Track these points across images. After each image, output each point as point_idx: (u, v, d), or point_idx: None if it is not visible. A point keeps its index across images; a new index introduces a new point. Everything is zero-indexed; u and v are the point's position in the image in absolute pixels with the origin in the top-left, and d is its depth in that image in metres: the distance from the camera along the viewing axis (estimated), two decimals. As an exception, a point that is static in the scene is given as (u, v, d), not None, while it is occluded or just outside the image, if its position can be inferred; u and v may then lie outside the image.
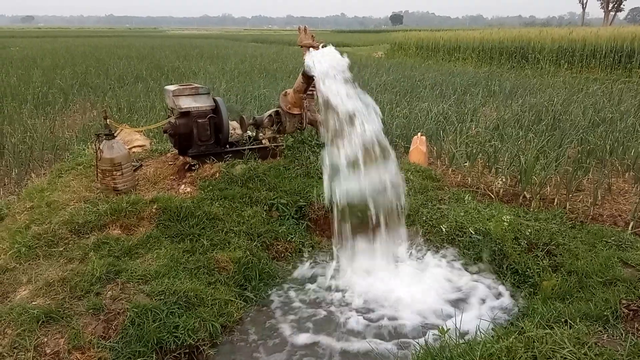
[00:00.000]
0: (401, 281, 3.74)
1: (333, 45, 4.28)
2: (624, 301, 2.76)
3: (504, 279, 3.72)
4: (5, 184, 5.91)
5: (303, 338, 3.12)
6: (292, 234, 4.28)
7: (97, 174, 4.47)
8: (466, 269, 3.89)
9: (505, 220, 4.06)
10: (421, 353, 2.41)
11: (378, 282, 3.74)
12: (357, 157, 3.72)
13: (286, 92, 5.13)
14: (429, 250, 4.14)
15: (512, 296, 3.54)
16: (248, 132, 5.31)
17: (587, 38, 17.95)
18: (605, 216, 4.66)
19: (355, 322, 3.27)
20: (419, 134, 6.20)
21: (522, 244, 3.86)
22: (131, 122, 7.87)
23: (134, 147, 5.71)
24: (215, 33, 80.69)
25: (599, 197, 4.91)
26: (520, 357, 2.23)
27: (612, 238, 3.78)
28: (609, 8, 62.37)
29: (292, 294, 3.63)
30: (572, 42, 18.25)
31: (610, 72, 16.58)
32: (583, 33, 18.86)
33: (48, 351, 2.60)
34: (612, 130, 7.01)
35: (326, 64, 3.98)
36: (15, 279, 3.17)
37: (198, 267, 3.51)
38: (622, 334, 2.46)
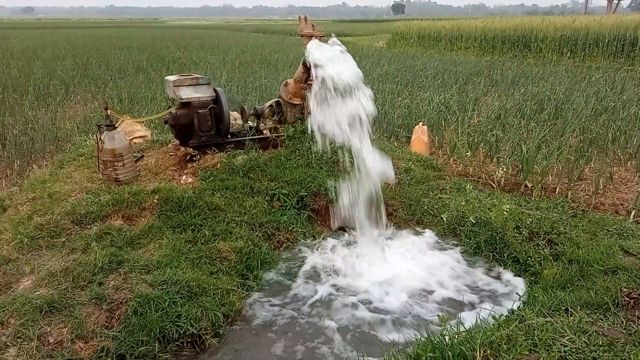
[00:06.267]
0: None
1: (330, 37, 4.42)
2: (624, 289, 2.77)
3: (505, 267, 3.73)
4: (7, 176, 5.92)
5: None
6: (293, 224, 4.29)
7: (98, 164, 4.47)
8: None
9: (507, 209, 4.06)
10: (422, 341, 2.42)
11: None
12: None
13: (287, 82, 5.12)
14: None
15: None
16: (249, 122, 5.30)
17: (590, 26, 17.83)
18: (606, 205, 4.66)
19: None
20: (421, 123, 6.19)
21: (523, 232, 3.86)
22: (132, 113, 7.87)
23: (135, 138, 5.70)
24: (216, 23, 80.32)
25: (601, 186, 4.91)
26: (520, 345, 2.24)
27: (614, 227, 3.78)
28: (612, -4, 61.80)
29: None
30: (575, 31, 18.13)
31: (613, 61, 16.49)
32: (586, 21, 18.73)
33: (51, 340, 2.62)
34: (614, 119, 6.99)
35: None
36: (18, 269, 3.19)
37: (200, 257, 3.52)
38: (622, 322, 2.47)
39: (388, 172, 4.20)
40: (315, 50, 4.30)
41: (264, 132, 5.21)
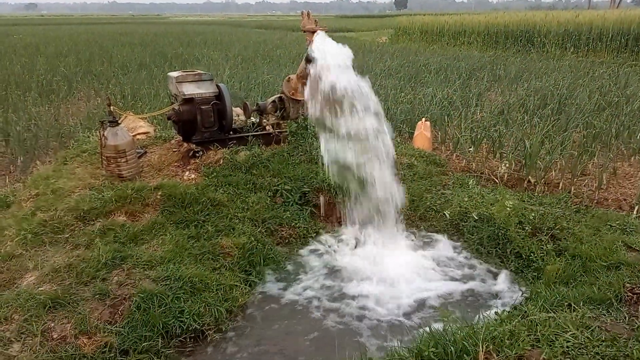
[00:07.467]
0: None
1: (334, 33, 4.38)
2: (627, 285, 2.77)
3: (507, 263, 3.73)
4: (11, 172, 5.94)
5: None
6: (296, 220, 4.29)
7: (101, 161, 4.48)
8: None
9: (509, 204, 4.06)
10: (425, 337, 2.42)
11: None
12: None
13: (289, 78, 5.11)
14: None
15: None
16: (252, 118, 5.30)
17: (593, 21, 17.72)
18: (610, 200, 4.64)
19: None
20: (424, 119, 6.18)
21: (526, 228, 3.85)
22: (135, 109, 7.86)
23: (138, 134, 5.71)
24: (219, 19, 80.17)
25: (604, 181, 4.89)
26: (523, 340, 2.24)
27: (617, 222, 3.77)
28: (617, -10, 61.39)
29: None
30: (579, 26, 18.02)
31: (616, 56, 16.39)
32: (590, 16, 18.61)
33: (55, 336, 2.63)
34: (617, 114, 6.96)
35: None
36: (22, 265, 3.20)
37: (203, 253, 3.53)
38: (625, 318, 2.47)
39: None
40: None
41: (267, 128, 5.21)
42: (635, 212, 4.26)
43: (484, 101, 8.46)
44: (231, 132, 5.02)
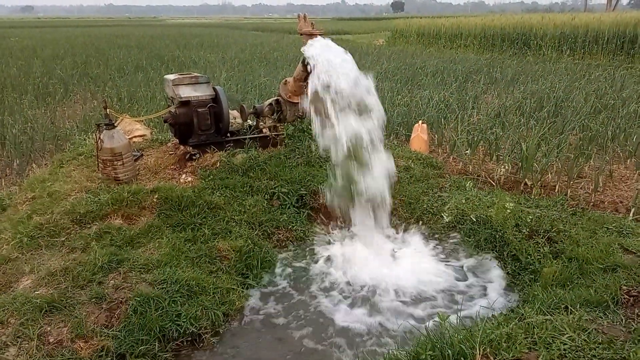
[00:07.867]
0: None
1: (331, 35, 4.42)
2: (624, 287, 2.77)
3: (505, 265, 3.73)
4: (6, 175, 5.92)
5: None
6: (293, 223, 4.29)
7: (98, 164, 4.47)
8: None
9: (507, 207, 4.06)
10: (422, 340, 2.42)
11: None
12: None
13: (286, 80, 5.11)
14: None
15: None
16: (248, 121, 5.30)
17: (589, 24, 17.79)
18: (606, 203, 4.65)
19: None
20: (420, 121, 6.19)
21: (523, 231, 3.86)
22: (131, 112, 7.85)
23: (135, 136, 5.70)
24: (215, 22, 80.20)
25: (600, 184, 4.90)
26: (520, 343, 2.24)
27: (613, 224, 3.78)
28: (612, -7, 61.60)
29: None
30: (575, 28, 18.09)
31: (612, 58, 16.45)
32: (586, 19, 18.69)
33: (51, 340, 2.62)
34: (614, 117, 6.99)
35: None
36: (18, 268, 3.19)
37: (200, 256, 3.53)
38: (622, 320, 2.47)
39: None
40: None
41: (264, 130, 5.21)
42: (631, 215, 4.27)
43: (480, 104, 8.48)
44: (228, 135, 5.02)
